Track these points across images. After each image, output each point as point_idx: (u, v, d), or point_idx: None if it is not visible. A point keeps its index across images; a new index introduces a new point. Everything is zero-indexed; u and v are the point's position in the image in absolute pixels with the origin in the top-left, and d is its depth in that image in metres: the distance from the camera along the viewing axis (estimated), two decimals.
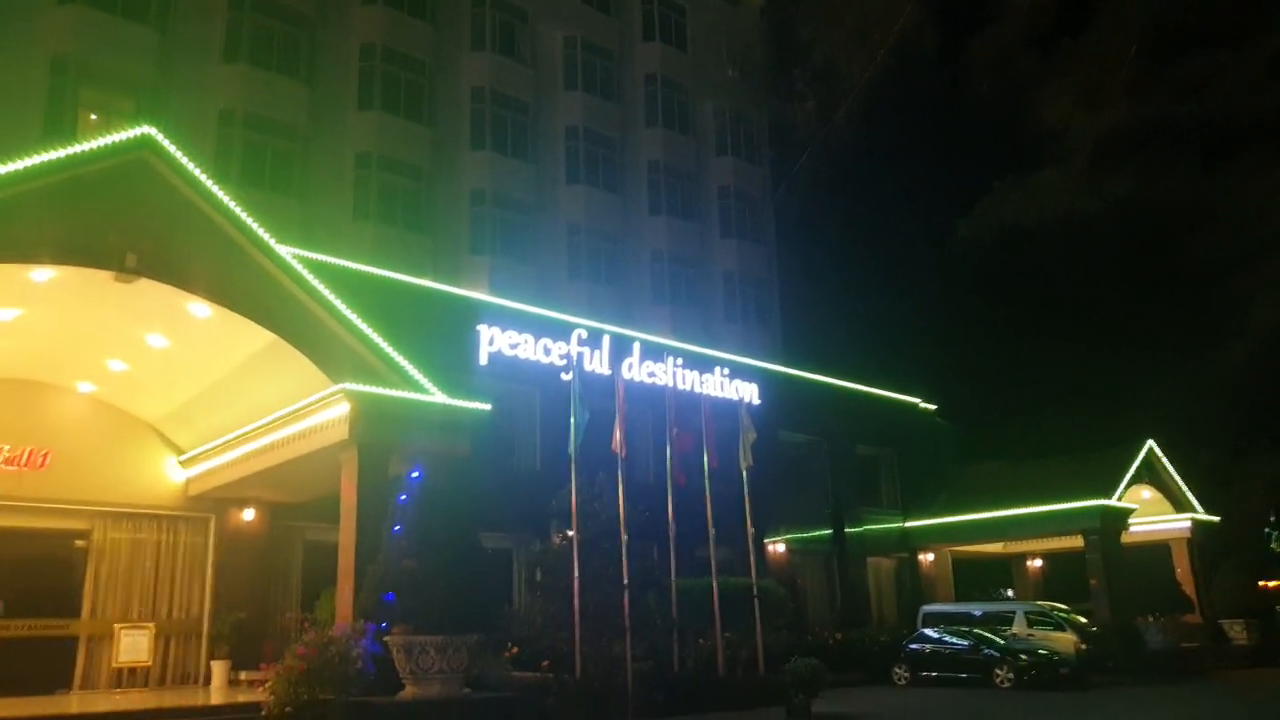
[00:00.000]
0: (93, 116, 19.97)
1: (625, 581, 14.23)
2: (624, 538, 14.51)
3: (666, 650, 15.61)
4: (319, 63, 24.23)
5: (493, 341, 20.85)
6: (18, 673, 14.77)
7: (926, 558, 30.03)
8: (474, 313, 21.07)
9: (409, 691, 11.64)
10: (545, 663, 14.27)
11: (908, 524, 29.83)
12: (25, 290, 12.82)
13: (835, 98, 25.72)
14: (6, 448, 15.59)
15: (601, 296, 27.66)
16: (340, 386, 13.64)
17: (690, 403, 18.62)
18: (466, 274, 24.97)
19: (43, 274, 12.42)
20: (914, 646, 21.44)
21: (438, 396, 14.75)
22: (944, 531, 29.21)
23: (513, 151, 27.43)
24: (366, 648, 11.85)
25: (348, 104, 24.57)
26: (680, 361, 23.76)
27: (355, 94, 24.72)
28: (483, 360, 20.58)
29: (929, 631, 21.85)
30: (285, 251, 14.03)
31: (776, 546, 25.45)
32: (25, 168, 11.95)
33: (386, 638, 11.85)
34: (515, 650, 14.89)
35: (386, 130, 24.67)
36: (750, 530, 16.95)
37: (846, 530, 27.61)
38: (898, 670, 21.09)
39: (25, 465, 15.74)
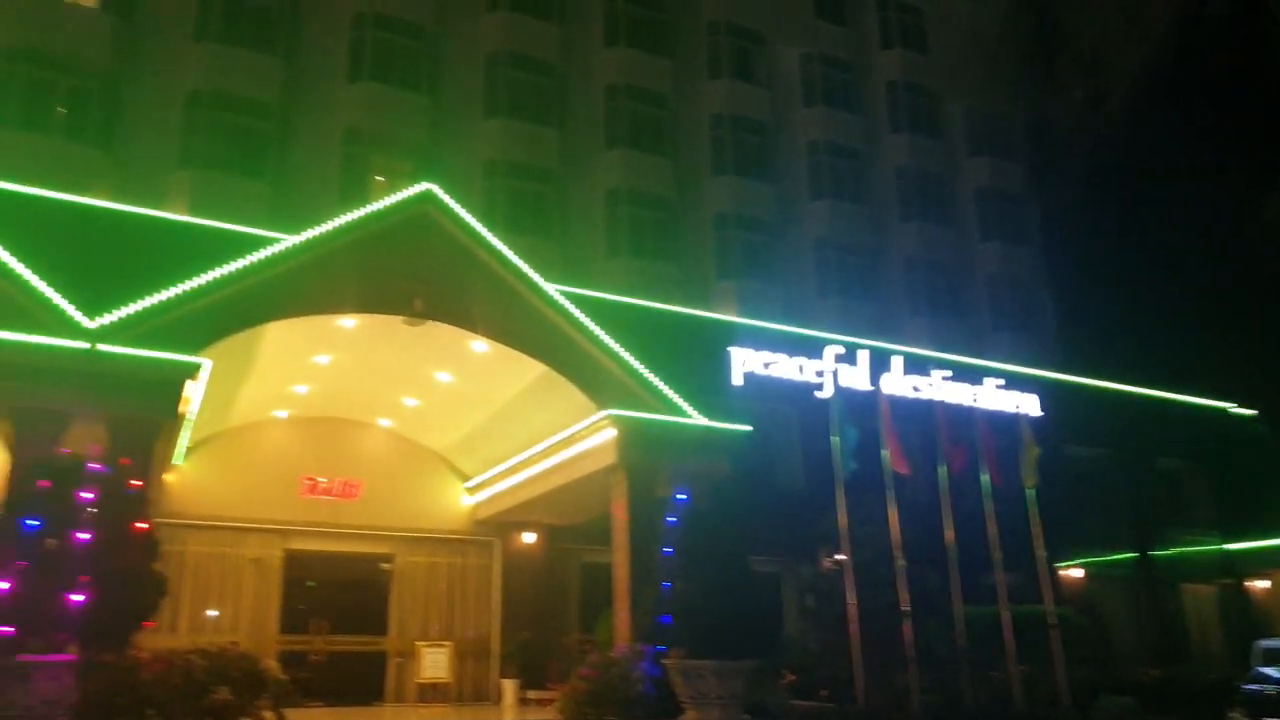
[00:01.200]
0: (379, 178, 22.15)
1: (905, 608, 13.53)
2: (900, 562, 13.83)
3: (953, 682, 14.65)
4: (569, 108, 25.51)
5: (745, 362, 20.82)
6: (340, 684, 16.43)
7: (1259, 585, 26.36)
8: (725, 335, 21.16)
9: (690, 716, 11.65)
10: (824, 691, 13.85)
11: (1229, 546, 26.37)
12: (334, 337, 14.34)
13: (1106, 83, 23.55)
14: (324, 479, 17.48)
15: (854, 311, 26.92)
16: (606, 412, 14.11)
17: (962, 417, 17.54)
18: (715, 299, 25.18)
19: (348, 322, 13.84)
20: (1252, 688, 18.70)
21: (697, 419, 14.90)
22: None
23: (754, 173, 27.44)
24: (646, 670, 12.02)
25: (596, 144, 25.64)
26: (947, 374, 22.57)
27: (603, 133, 25.75)
28: (737, 381, 20.58)
29: (1270, 671, 19.01)
30: (551, 289, 14.78)
31: (1071, 571, 23.38)
32: (332, 229, 13.43)
33: (665, 660, 11.95)
34: (792, 678, 14.58)
35: (632, 166, 25.49)
36: (1041, 554, 15.62)
37: (1154, 553, 24.85)
38: (1232, 716, 18.49)
39: (341, 495, 17.55)
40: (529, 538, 18.68)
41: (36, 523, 9.42)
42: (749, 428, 15.36)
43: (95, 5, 20.46)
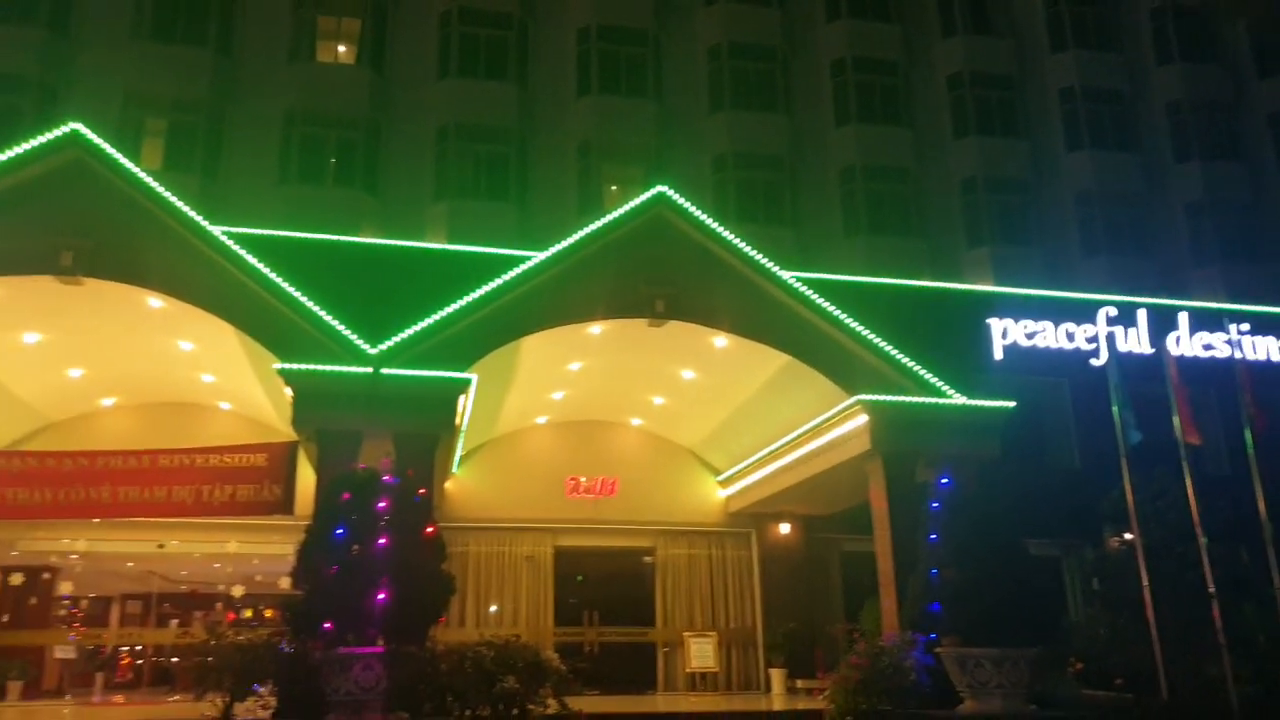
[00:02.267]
0: (613, 187, 22.92)
1: (1211, 590, 12.11)
2: (1201, 540, 12.40)
3: (1277, 672, 12.95)
4: (794, 91, 25.12)
5: (1006, 334, 19.54)
6: (614, 673, 17.15)
7: None
8: (980, 307, 19.95)
9: (969, 706, 11.12)
10: (1119, 680, 12.70)
11: None
12: (585, 344, 14.98)
13: None
14: (584, 479, 18.33)
15: (1127, 268, 24.48)
16: (857, 399, 13.74)
17: (1271, 376, 15.48)
18: (966, 269, 23.85)
19: (596, 329, 14.41)
20: None
21: (955, 399, 14.17)
22: None
23: (1001, 131, 25.69)
24: (918, 659, 11.60)
25: (825, 123, 25.06)
26: (1245, 328, 20.05)
27: (832, 111, 25.12)
28: (997, 355, 19.36)
29: None
30: (789, 276, 14.62)
31: None
32: (573, 242, 14.05)
33: (938, 649, 11.48)
34: (1079, 666, 13.50)
35: (866, 140, 24.67)
36: None
37: None
38: None
39: (600, 493, 18.34)
40: (785, 528, 18.60)
41: (343, 531, 10.56)
42: (1012, 404, 14.40)
43: (352, 62, 22.70)
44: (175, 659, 18.53)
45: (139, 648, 20.05)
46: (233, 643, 10.51)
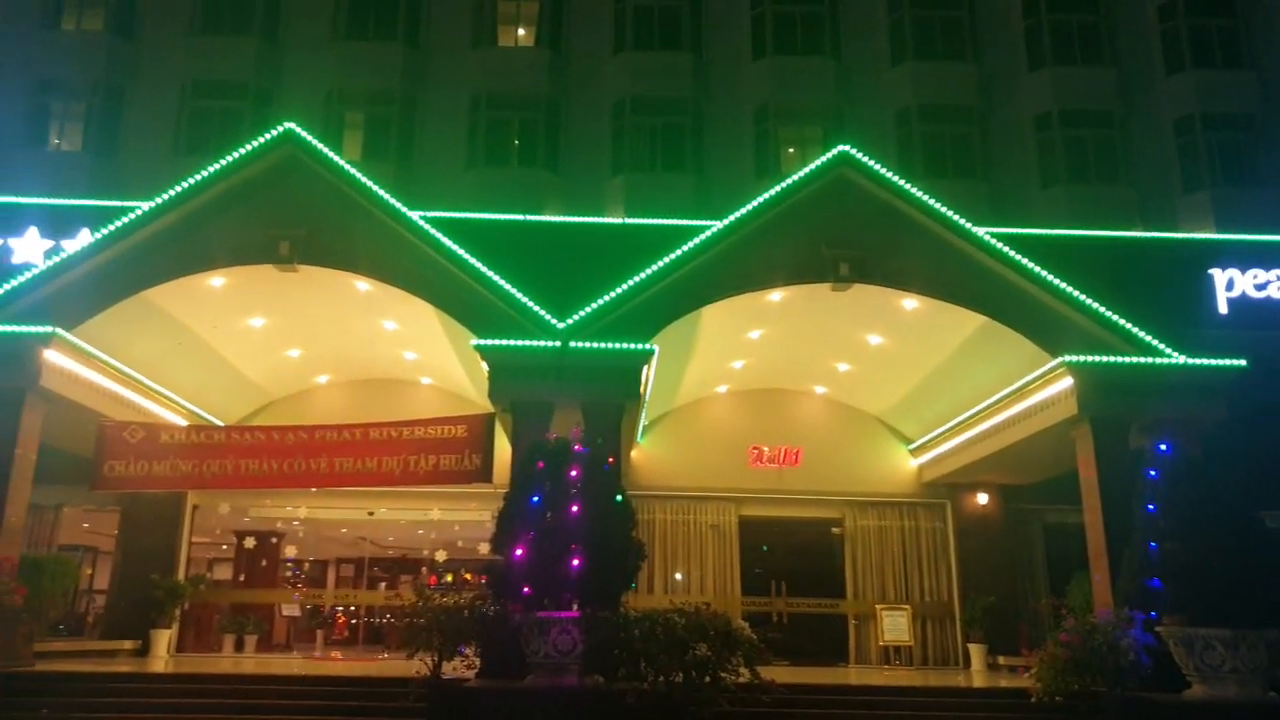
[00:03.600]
0: (791, 150, 22.42)
1: None
2: None
3: None
4: (981, 38, 23.66)
5: (1231, 285, 17.80)
6: (803, 645, 17.00)
7: None
8: (1200, 257, 18.28)
9: (1198, 691, 10.24)
10: None
11: None
12: (765, 312, 14.79)
13: None
14: (767, 448, 18.17)
15: None
16: (1061, 360, 12.88)
17: None
18: (1182, 216, 21.74)
19: (776, 295, 14.18)
20: None
21: (1174, 358, 13.00)
22: None
23: (1222, 63, 23.21)
24: (1136, 638, 10.78)
25: (1017, 68, 23.45)
26: None
27: (1024, 56, 23.49)
28: (1221, 309, 17.68)
29: None
30: (982, 232, 13.84)
31: None
32: (752, 209, 13.86)
33: (1159, 628, 10.63)
34: None
35: (1064, 83, 22.88)
36: None
37: None
38: None
39: (783, 463, 18.13)
40: (982, 498, 17.76)
41: (538, 499, 10.93)
42: (1242, 362, 13.06)
43: (532, 44, 23.24)
44: (386, 619, 19.88)
45: (353, 608, 21.65)
46: (439, 605, 11.08)
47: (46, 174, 20.71)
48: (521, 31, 23.40)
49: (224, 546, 20.37)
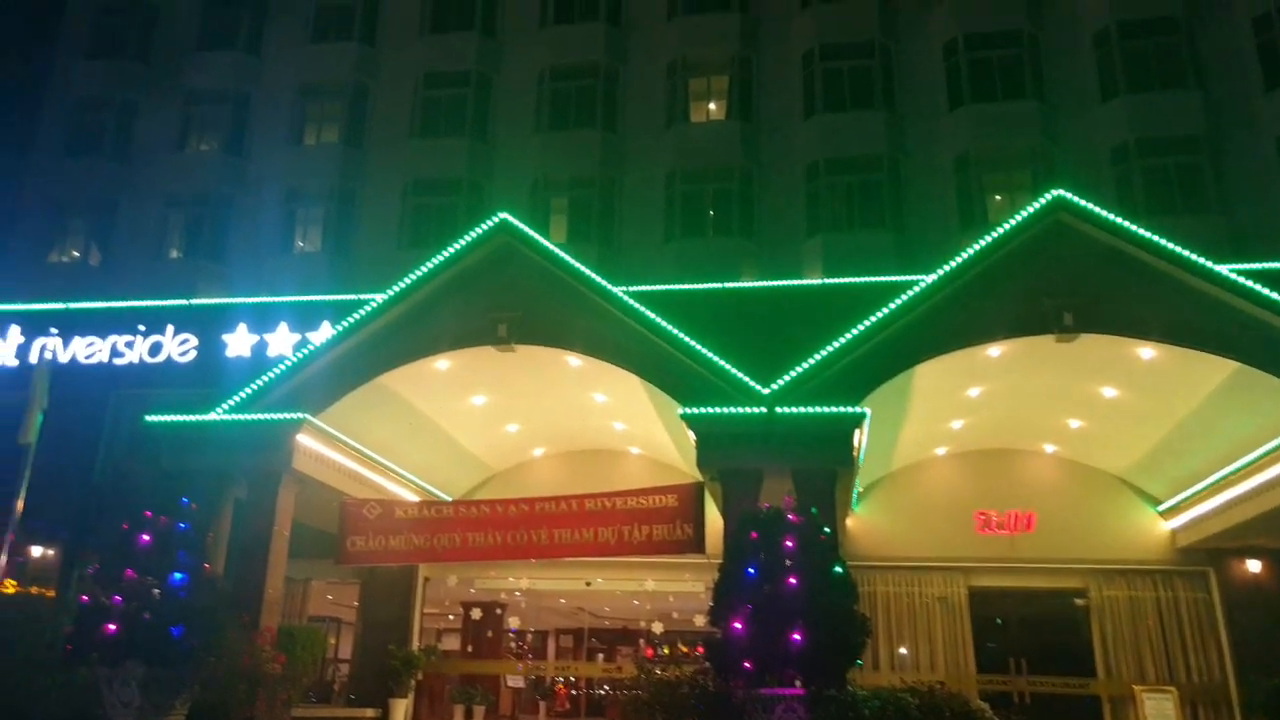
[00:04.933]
0: (997, 198, 21.49)
1: None
2: None
3: None
4: (1205, 61, 21.96)
5: None
6: None
7: None
8: None
9: None
10: None
11: None
12: (983, 368, 14.02)
13: None
14: (995, 514, 17.03)
15: None
16: None
17: None
18: None
19: (994, 350, 13.43)
20: None
21: None
22: None
23: None
24: None
25: (1250, 90, 21.54)
26: None
27: (1259, 75, 21.54)
28: None
29: None
30: (1224, 270, 12.59)
31: None
32: (963, 261, 13.29)
33: None
34: None
35: None
36: None
37: None
38: None
39: (1015, 529, 16.90)
40: (1254, 565, 15.78)
41: (753, 570, 10.71)
42: None
43: (723, 117, 23.73)
44: (605, 690, 20.01)
45: (573, 679, 21.96)
46: (660, 679, 11.00)
47: (293, 274, 23.07)
48: (713, 106, 23.99)
49: (451, 617, 21.32)
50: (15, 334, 20.07)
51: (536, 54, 25.01)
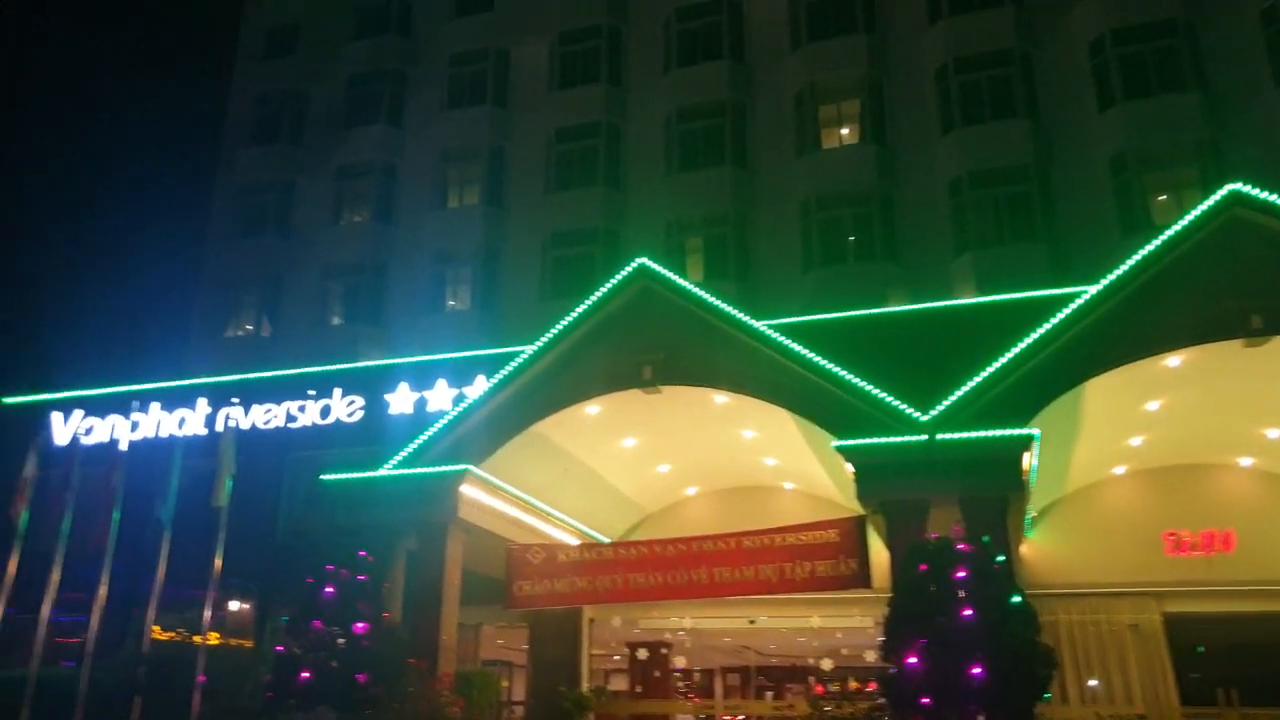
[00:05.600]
0: (1160, 198, 20.27)
1: None
2: None
3: None
4: None
5: None
6: None
7: None
8: None
9: None
10: None
11: None
12: (1161, 379, 13.14)
13: None
14: (1188, 533, 15.81)
15: None
16: None
17: None
18: None
19: (1173, 360, 12.58)
20: None
21: None
22: None
23: None
24: None
25: None
26: None
27: None
28: None
29: None
30: None
31: None
32: (1130, 268, 12.55)
33: None
34: None
35: None
36: None
37: None
38: None
39: (1211, 549, 15.64)
40: None
41: (925, 604, 10.32)
42: None
43: (856, 141, 23.44)
44: None
45: (742, 718, 21.61)
46: (834, 715, 10.71)
47: (446, 332, 24.09)
48: (845, 131, 23.76)
49: (616, 658, 21.45)
50: (203, 405, 21.71)
51: (663, 98, 25.47)
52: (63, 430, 22.00)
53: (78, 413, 22.33)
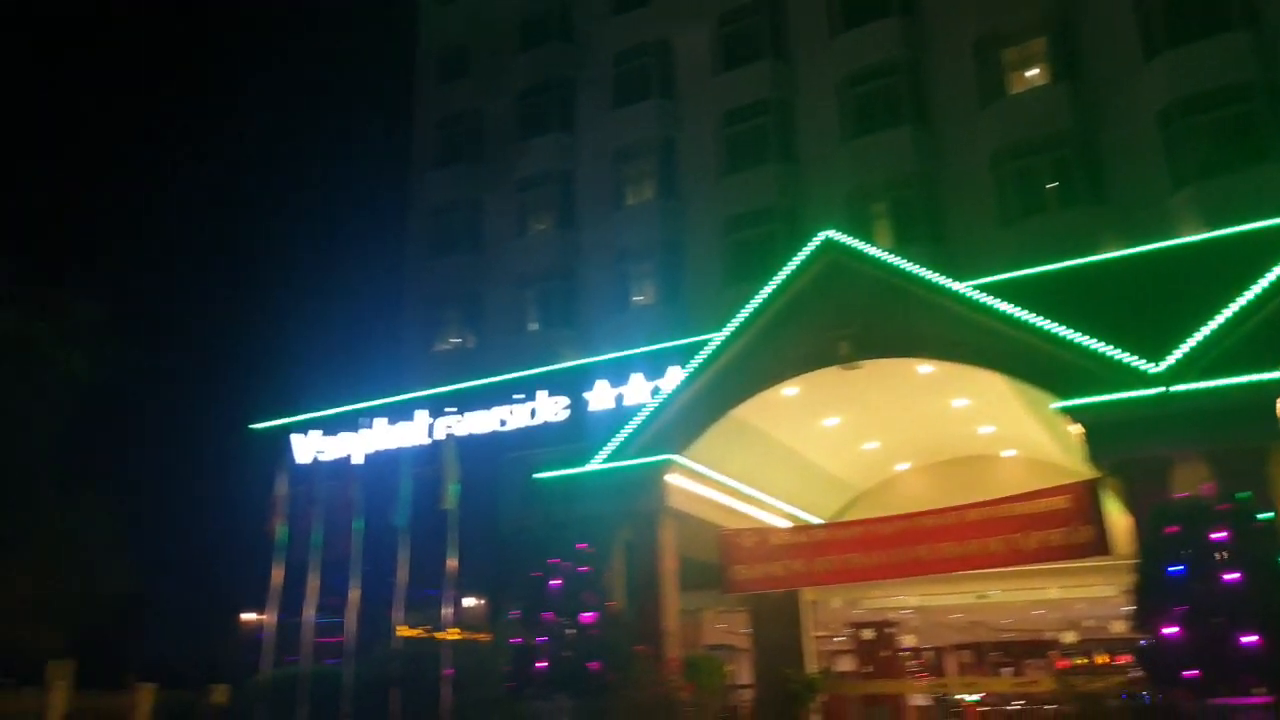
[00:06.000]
0: None
1: None
2: None
3: None
4: None
5: None
6: None
7: None
8: None
9: None
10: None
11: None
12: None
13: None
14: None
15: None
16: None
17: None
18: None
19: None
20: None
21: None
22: None
23: None
24: None
25: None
26: None
27: None
28: None
29: None
30: None
31: None
32: None
33: None
34: None
35: None
36: None
37: None
38: None
39: None
40: None
41: (1180, 568, 9.55)
42: None
43: (1046, 81, 21.93)
44: (1018, 707, 18.74)
45: (978, 696, 20.81)
46: (1083, 691, 10.12)
47: (635, 327, 24.53)
48: (1032, 72, 22.33)
49: (838, 639, 21.16)
50: (422, 417, 23.18)
51: (831, 65, 24.81)
52: (303, 450, 24.08)
53: (315, 432, 24.39)
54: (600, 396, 21.11)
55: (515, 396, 22.24)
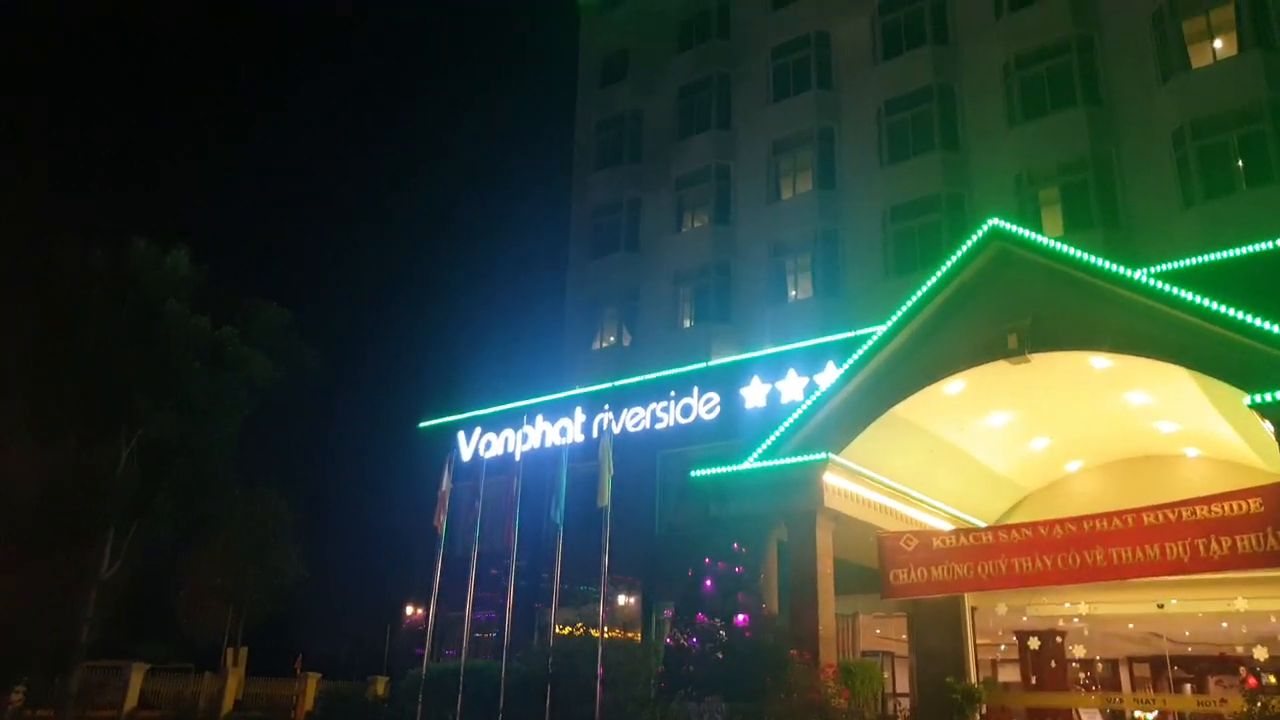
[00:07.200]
0: None
1: None
2: None
3: None
4: None
5: None
6: None
7: None
8: None
9: None
10: None
11: None
12: None
13: None
14: None
15: None
16: None
17: None
18: None
19: None
20: None
21: None
22: None
23: None
24: None
25: None
26: None
27: None
28: None
29: None
30: None
31: None
32: None
33: None
34: None
35: None
36: None
37: None
38: None
39: None
40: None
41: None
42: None
43: (1234, 52, 20.21)
44: None
45: (1155, 714, 19.44)
46: (1277, 714, 9.29)
47: (791, 322, 24.27)
48: (1218, 44, 20.61)
49: (1002, 648, 20.22)
50: (579, 414, 23.75)
51: (996, 47, 23.75)
52: (467, 447, 25.14)
53: (478, 430, 25.42)
54: (754, 393, 21.01)
55: (670, 393, 22.43)
